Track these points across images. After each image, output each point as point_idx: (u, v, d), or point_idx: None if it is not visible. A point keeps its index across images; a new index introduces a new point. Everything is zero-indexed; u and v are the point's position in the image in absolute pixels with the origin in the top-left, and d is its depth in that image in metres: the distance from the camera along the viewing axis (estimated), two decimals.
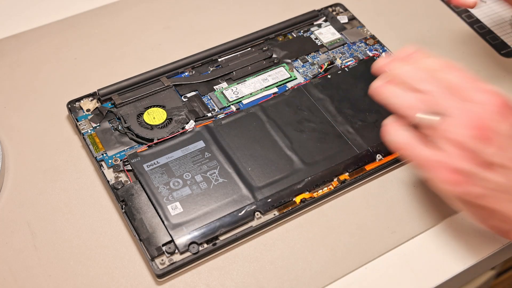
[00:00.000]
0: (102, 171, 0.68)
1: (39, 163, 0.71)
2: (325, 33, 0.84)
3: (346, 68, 0.79)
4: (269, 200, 0.65)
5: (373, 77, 0.77)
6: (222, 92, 0.76)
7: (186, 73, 0.79)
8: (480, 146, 0.54)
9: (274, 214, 0.65)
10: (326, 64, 0.79)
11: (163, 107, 0.74)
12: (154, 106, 0.74)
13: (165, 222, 0.63)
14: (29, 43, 0.84)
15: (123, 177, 0.68)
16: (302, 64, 0.80)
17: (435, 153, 0.55)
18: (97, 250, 0.64)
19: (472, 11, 0.89)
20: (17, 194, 0.68)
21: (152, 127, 0.72)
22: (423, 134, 0.56)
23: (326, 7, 0.88)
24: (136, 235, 0.63)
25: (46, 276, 0.62)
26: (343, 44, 0.83)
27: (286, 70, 0.79)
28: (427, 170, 0.56)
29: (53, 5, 0.90)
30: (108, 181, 0.67)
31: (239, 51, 0.81)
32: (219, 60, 0.80)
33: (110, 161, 0.69)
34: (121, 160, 0.69)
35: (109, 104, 0.75)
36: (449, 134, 0.55)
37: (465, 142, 0.54)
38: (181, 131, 0.71)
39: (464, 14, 0.89)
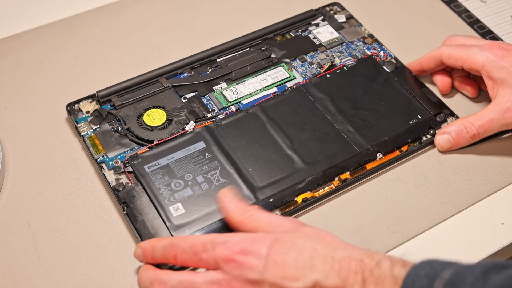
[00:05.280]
0: (103, 173, 0.68)
1: (39, 163, 0.71)
2: (323, 32, 0.84)
3: (344, 67, 0.79)
4: (270, 200, 0.65)
5: (372, 75, 0.77)
6: (221, 93, 0.76)
7: (185, 74, 0.79)
8: None
9: (276, 214, 0.65)
10: (327, 65, 0.79)
11: (162, 108, 0.74)
12: (153, 107, 0.74)
13: (167, 224, 0.63)
14: (29, 43, 0.84)
15: (124, 179, 0.68)
16: (301, 63, 0.80)
17: None
18: (98, 251, 0.64)
19: (472, 11, 0.89)
20: (17, 194, 0.68)
21: (152, 128, 0.72)
22: None
23: (324, 6, 0.88)
24: (138, 237, 0.63)
25: (46, 276, 0.62)
26: (341, 43, 0.83)
27: (285, 69, 0.79)
28: None
29: (53, 5, 0.90)
30: (109, 183, 0.67)
31: (238, 51, 0.81)
32: (218, 60, 0.80)
33: (110, 163, 0.69)
34: (121, 162, 0.69)
35: (109, 106, 0.75)
36: None
37: None
38: (181, 132, 0.71)
39: (464, 14, 0.89)
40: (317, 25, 0.86)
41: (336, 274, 0.51)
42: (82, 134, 0.72)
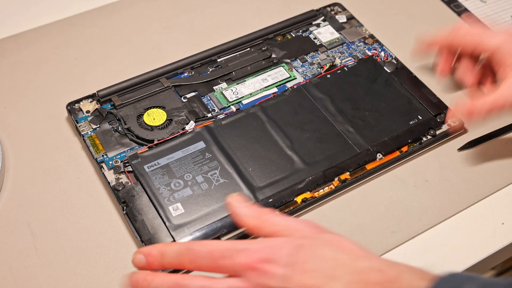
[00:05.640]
0: (103, 173, 0.68)
1: (39, 163, 0.71)
2: (324, 33, 0.84)
3: (345, 68, 0.79)
4: (270, 200, 0.65)
5: (373, 76, 0.77)
6: (221, 93, 0.76)
7: (186, 74, 0.79)
8: None
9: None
10: (328, 65, 0.79)
11: (163, 108, 0.74)
12: (154, 107, 0.74)
13: (167, 223, 0.63)
14: (29, 43, 0.84)
15: (123, 179, 0.68)
16: (301, 64, 0.80)
17: None
18: (98, 251, 0.64)
19: (472, 11, 0.89)
20: (17, 194, 0.68)
21: (152, 128, 0.72)
22: None
23: (325, 7, 0.88)
24: (138, 237, 0.63)
25: (46, 276, 0.62)
26: (342, 44, 0.83)
27: (285, 70, 0.79)
28: None
29: (53, 5, 0.90)
30: (109, 183, 0.67)
31: (238, 51, 0.81)
32: (219, 60, 0.80)
33: (110, 162, 0.69)
34: (121, 162, 0.69)
35: (109, 106, 0.75)
36: None
37: None
38: (181, 131, 0.71)
39: (464, 14, 0.89)
40: (318, 25, 0.86)
41: (356, 286, 0.50)
42: (82, 133, 0.72)
